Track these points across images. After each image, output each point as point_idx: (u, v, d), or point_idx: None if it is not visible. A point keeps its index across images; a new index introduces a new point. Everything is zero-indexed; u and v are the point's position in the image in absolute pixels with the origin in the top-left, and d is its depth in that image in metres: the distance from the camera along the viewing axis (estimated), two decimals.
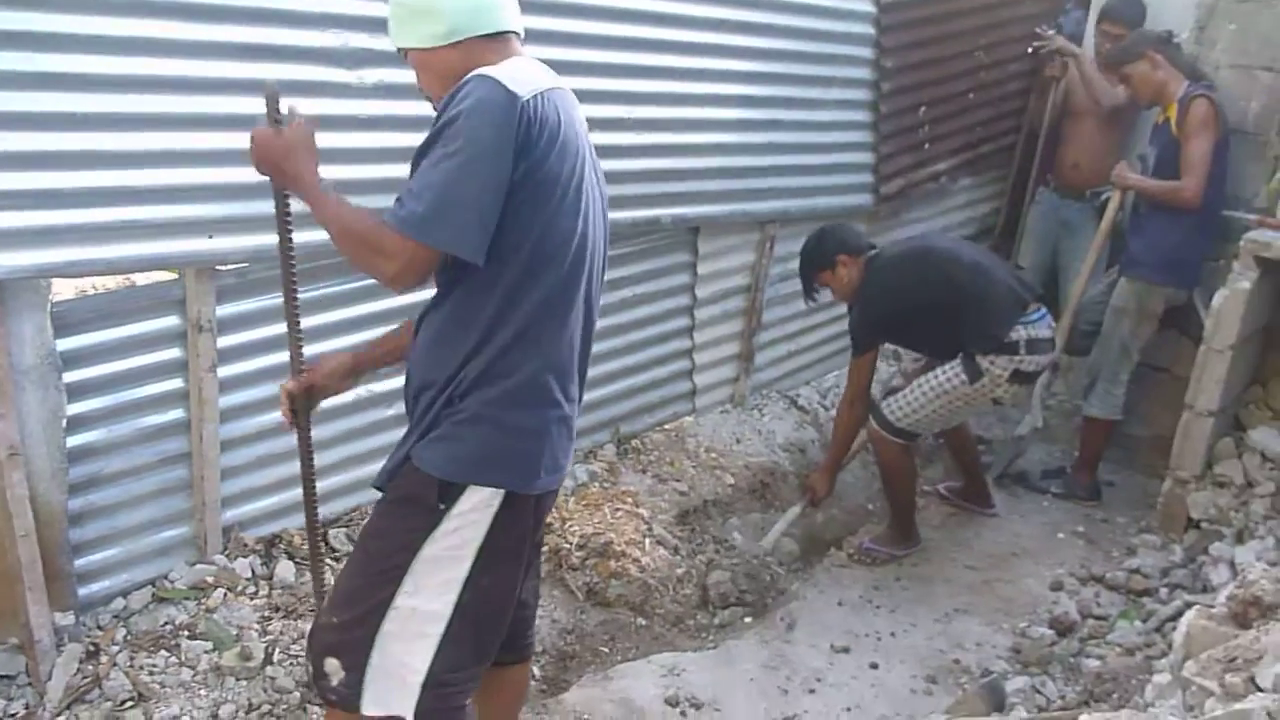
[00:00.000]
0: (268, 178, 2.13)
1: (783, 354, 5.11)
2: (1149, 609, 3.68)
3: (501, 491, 1.94)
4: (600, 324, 4.06)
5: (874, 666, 3.41)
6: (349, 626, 2.00)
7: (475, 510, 1.93)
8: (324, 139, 2.95)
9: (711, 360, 4.74)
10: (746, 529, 4.21)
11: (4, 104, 2.51)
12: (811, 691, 3.26)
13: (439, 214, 1.79)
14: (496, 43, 1.97)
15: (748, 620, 3.72)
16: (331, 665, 2.01)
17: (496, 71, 1.84)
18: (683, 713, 3.08)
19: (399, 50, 2.06)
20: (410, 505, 1.97)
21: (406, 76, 3.12)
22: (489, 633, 2.08)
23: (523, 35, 2.05)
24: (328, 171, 2.98)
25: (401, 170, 3.10)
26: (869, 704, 3.23)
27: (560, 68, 3.47)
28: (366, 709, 1.99)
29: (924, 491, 4.70)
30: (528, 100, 1.82)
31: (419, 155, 1.88)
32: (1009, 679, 3.32)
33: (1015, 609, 3.80)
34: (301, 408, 2.30)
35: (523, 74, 1.88)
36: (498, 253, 1.85)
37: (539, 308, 1.92)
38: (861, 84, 4.86)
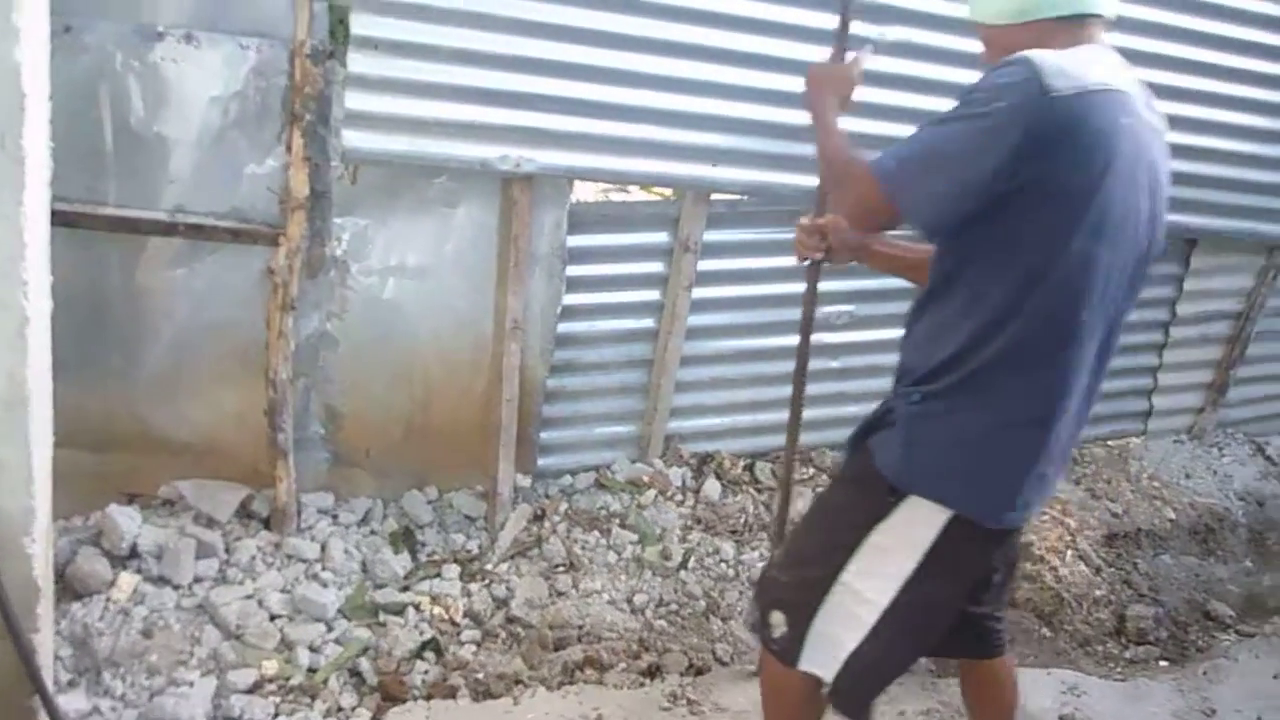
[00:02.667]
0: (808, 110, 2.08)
1: (1261, 395, 4.61)
2: None
3: (940, 509, 1.81)
4: None
5: None
6: (798, 588, 1.99)
7: (924, 514, 1.82)
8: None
9: (1176, 384, 4.37)
10: (1180, 570, 3.88)
11: (568, 18, 2.80)
12: None
13: (905, 171, 1.70)
14: (1071, 27, 1.76)
15: (1163, 664, 3.44)
16: (776, 619, 2.02)
17: (1043, 56, 1.65)
18: None
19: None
20: (866, 487, 1.90)
21: (926, 38, 3.19)
22: (915, 641, 1.98)
23: (1111, 19, 1.81)
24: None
25: (907, 129, 3.17)
26: None
27: None
28: (802, 666, 2.00)
29: None
30: (1073, 94, 1.62)
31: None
32: None
33: None
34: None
35: (1076, 66, 1.66)
36: (997, 258, 1.71)
37: (1034, 327, 1.72)
38: None
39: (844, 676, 1.95)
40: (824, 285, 3.45)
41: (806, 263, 2.37)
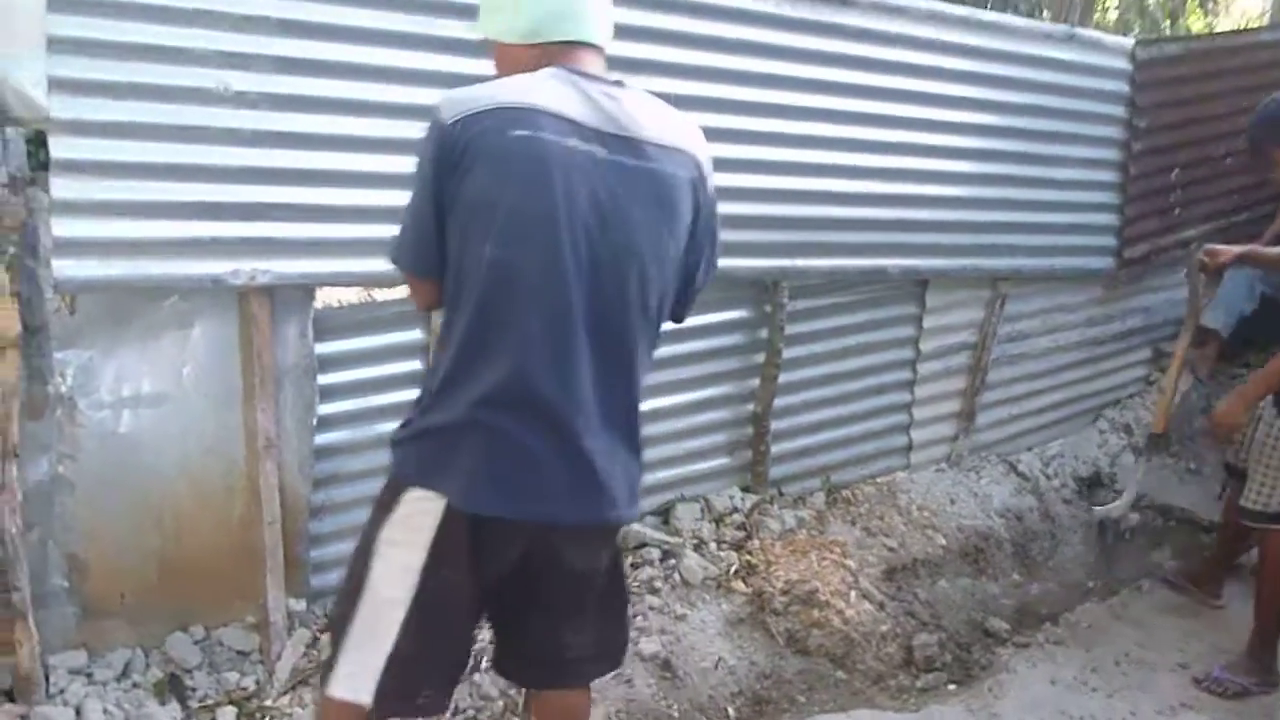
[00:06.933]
0: None
1: (1005, 416, 4.93)
2: None
3: (435, 497, 1.87)
4: (816, 371, 4.14)
5: None
6: (338, 604, 2.04)
7: (424, 504, 1.89)
8: None
9: (930, 416, 4.62)
10: (957, 593, 4.07)
11: (288, 125, 2.75)
12: None
13: (402, 238, 1.92)
14: (564, 50, 1.89)
15: (951, 687, 3.58)
16: (324, 641, 2.04)
17: (466, 90, 1.83)
18: None
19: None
20: (384, 491, 1.97)
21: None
22: (442, 637, 1.98)
23: (602, 46, 1.94)
24: None
25: None
26: None
27: (798, 114, 3.63)
28: (333, 691, 1.96)
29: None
30: (455, 121, 1.77)
31: None
32: None
33: (1247, 712, 3.50)
34: None
35: (491, 91, 1.82)
36: (448, 272, 1.88)
37: (469, 333, 1.85)
38: (1110, 142, 4.68)
39: (385, 682, 1.92)
40: None
41: None
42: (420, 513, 1.89)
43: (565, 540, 1.97)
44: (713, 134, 2.15)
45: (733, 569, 3.70)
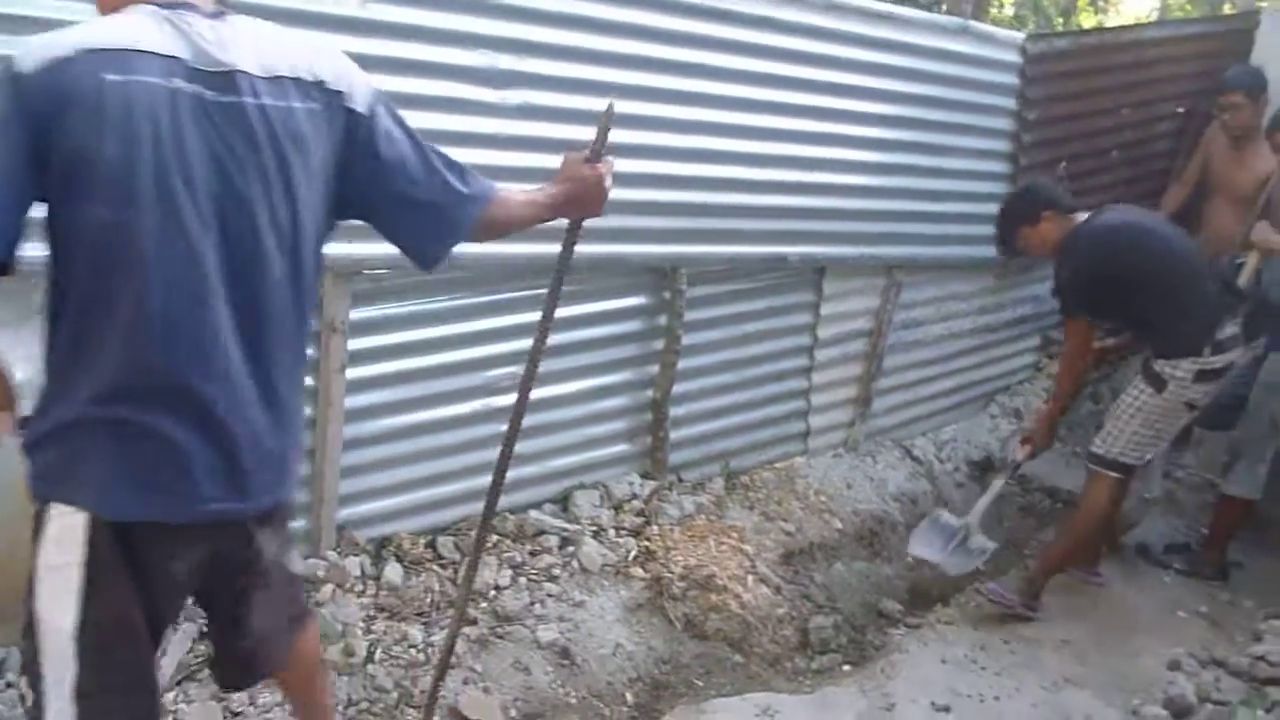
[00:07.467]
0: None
1: (900, 402, 5.03)
2: (1274, 699, 3.48)
3: (73, 510, 1.66)
4: (715, 358, 4.16)
5: None
6: (22, 637, 1.75)
7: (68, 520, 1.67)
8: (466, 155, 3.12)
9: (827, 403, 4.69)
10: (852, 576, 4.14)
11: None
12: None
13: None
14: None
15: (846, 668, 3.65)
16: (24, 685, 1.75)
17: (48, 36, 1.59)
18: None
19: None
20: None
21: (549, 100, 3.28)
22: (119, 677, 1.75)
23: None
24: None
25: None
26: None
27: (695, 100, 3.62)
28: None
29: (1024, 555, 4.55)
30: (39, 69, 1.53)
31: None
32: None
33: (1128, 685, 3.63)
34: None
35: (79, 35, 1.58)
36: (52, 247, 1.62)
37: (79, 315, 1.61)
38: (1001, 134, 4.80)
39: (79, 712, 1.70)
40: (492, 349, 3.51)
41: None
42: (67, 528, 1.66)
43: (240, 532, 1.82)
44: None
45: (631, 555, 3.70)
